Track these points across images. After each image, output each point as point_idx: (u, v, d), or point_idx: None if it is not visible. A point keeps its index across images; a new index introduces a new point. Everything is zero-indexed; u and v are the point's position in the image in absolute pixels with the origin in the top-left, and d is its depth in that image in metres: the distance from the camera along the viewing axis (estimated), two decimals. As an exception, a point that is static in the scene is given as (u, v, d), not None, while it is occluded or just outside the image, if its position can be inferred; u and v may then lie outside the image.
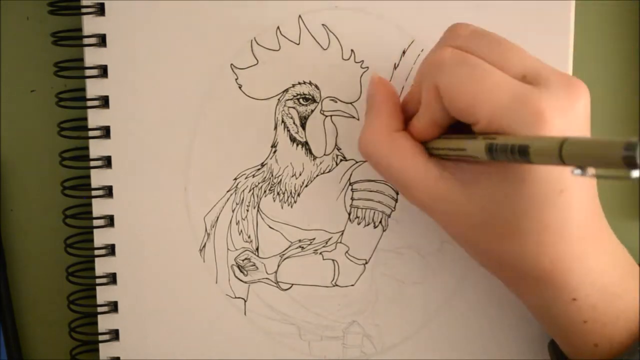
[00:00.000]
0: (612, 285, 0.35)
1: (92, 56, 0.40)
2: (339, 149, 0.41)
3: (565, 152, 0.27)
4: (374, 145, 0.36)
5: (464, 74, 0.33)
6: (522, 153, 0.29)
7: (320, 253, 0.42)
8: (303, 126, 0.41)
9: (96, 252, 0.42)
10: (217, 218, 0.42)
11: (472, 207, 0.34)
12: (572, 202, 0.33)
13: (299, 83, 0.41)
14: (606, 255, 0.35)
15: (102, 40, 0.40)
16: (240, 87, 0.41)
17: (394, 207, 0.42)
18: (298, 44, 0.40)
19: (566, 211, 0.33)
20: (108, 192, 0.41)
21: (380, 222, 0.42)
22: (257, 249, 0.42)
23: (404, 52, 0.40)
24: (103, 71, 0.40)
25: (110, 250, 0.42)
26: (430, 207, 0.36)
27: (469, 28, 0.35)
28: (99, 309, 0.42)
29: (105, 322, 0.42)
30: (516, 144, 0.30)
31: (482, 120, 0.33)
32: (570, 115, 0.32)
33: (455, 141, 0.34)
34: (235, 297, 0.42)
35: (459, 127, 0.35)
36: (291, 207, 0.42)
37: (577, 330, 0.35)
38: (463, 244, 0.37)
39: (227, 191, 0.42)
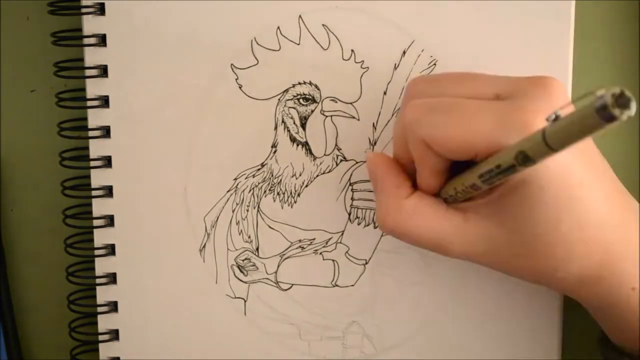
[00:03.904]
0: None
1: (92, 56, 0.40)
2: (339, 149, 0.41)
3: (549, 139, 0.27)
4: (391, 220, 0.36)
5: (442, 118, 0.33)
6: (523, 161, 0.29)
7: (320, 253, 0.42)
8: (303, 126, 0.41)
9: (96, 252, 0.42)
10: (217, 218, 0.42)
11: (508, 236, 0.34)
12: (595, 189, 0.33)
13: (299, 83, 0.41)
14: None
15: (102, 40, 0.40)
16: (240, 87, 0.41)
17: (394, 207, 0.42)
18: (298, 44, 0.40)
19: (594, 200, 0.33)
20: (108, 192, 0.41)
21: (380, 222, 0.42)
22: (257, 249, 0.42)
23: (404, 52, 0.40)
24: (103, 71, 0.40)
25: (110, 250, 0.42)
26: (471, 254, 0.35)
27: (424, 78, 0.36)
28: (99, 309, 0.42)
29: (105, 322, 0.42)
30: (510, 158, 0.29)
31: (480, 152, 0.32)
32: (552, 110, 0.32)
33: (460, 181, 0.34)
34: (235, 297, 0.42)
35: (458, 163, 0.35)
36: (291, 207, 0.42)
37: None
38: (514, 275, 0.36)
39: (227, 191, 0.42)
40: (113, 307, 0.42)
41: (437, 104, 0.34)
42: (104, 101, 0.41)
